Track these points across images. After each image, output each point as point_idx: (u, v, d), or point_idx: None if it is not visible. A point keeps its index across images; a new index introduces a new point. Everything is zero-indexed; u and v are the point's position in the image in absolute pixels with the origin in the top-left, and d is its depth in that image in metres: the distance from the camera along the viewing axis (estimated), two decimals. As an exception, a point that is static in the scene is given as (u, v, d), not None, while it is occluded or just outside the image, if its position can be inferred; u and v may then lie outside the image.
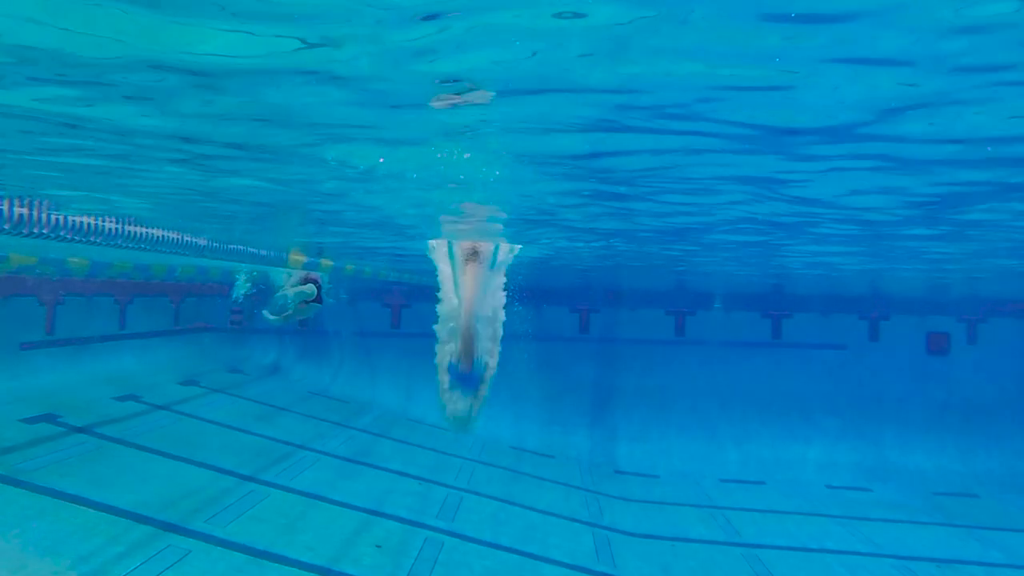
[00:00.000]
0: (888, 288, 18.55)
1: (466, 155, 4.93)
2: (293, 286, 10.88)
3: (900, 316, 19.62)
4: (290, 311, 10.61)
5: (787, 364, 19.51)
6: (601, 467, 17.48)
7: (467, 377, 7.59)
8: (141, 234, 8.30)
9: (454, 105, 3.73)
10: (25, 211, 6.69)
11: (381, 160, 5.24)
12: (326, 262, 14.49)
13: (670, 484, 16.62)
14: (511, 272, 8.55)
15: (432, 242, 8.54)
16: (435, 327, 7.98)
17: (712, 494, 15.98)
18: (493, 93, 3.56)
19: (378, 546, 9.99)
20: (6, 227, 6.55)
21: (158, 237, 8.60)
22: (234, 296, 16.99)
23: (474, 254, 7.94)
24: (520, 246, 8.92)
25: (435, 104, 3.73)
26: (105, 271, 16.16)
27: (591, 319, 20.89)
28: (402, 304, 21.07)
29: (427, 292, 12.06)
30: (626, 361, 20.03)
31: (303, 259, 13.58)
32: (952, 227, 7.64)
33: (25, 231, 6.77)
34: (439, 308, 7.97)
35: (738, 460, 18.10)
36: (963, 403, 18.53)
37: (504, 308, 8.04)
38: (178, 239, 9.08)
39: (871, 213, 6.97)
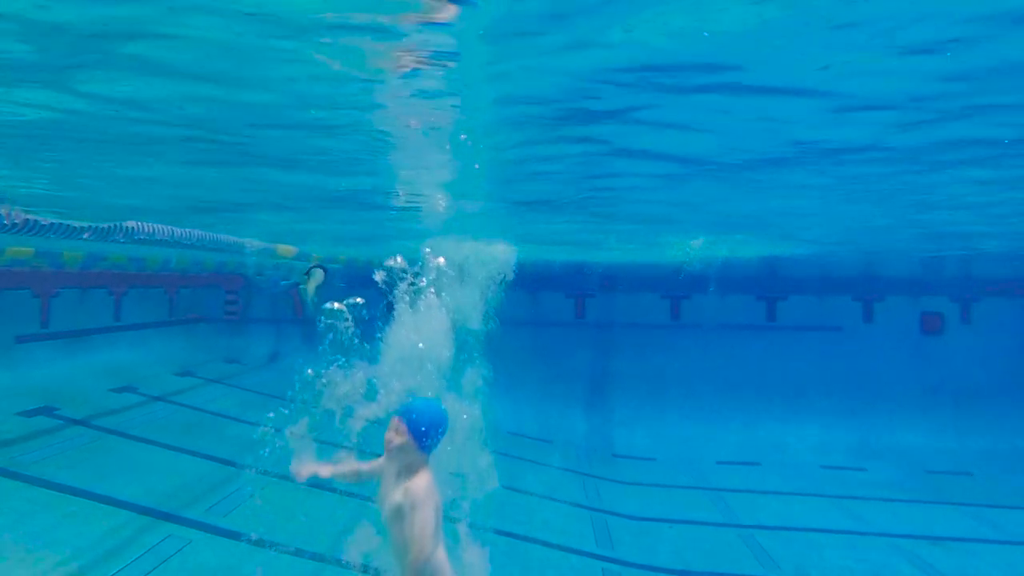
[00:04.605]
0: (882, 269, 18.60)
1: None
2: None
3: (894, 297, 19.68)
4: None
5: (782, 346, 19.58)
6: (598, 451, 17.56)
7: None
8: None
9: None
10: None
11: None
12: (315, 257, 14.49)
13: (667, 467, 16.71)
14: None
15: None
16: None
17: (708, 476, 16.09)
18: None
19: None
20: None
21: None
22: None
23: None
24: None
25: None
26: (99, 263, 16.12)
27: (587, 304, 20.91)
28: (397, 292, 21.04)
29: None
30: (622, 346, 20.07)
31: (293, 250, 13.60)
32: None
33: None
34: None
35: (734, 442, 18.20)
36: (957, 382, 18.62)
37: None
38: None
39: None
